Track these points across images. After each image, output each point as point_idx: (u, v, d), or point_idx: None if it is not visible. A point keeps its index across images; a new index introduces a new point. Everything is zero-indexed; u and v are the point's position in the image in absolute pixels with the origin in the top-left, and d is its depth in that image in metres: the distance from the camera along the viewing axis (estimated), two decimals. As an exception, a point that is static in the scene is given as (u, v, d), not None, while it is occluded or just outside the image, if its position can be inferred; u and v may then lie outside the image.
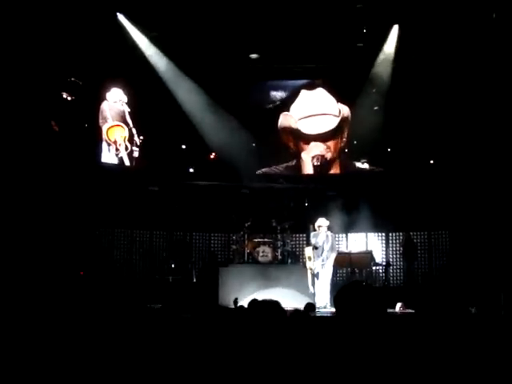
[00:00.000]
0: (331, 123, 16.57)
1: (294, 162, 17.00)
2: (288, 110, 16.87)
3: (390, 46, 15.49)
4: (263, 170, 17.17)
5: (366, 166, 16.55)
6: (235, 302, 9.99)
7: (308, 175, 16.77)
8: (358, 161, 16.60)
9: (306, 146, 16.74)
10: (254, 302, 3.07)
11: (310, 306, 11.49)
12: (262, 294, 11.76)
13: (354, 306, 2.75)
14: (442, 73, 14.98)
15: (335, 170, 16.86)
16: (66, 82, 14.69)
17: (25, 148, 13.01)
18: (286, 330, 2.86)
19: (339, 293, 2.88)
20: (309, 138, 16.69)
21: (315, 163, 16.63)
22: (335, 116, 16.58)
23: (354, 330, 2.68)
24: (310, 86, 16.89)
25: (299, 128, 16.68)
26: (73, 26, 13.76)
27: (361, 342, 2.63)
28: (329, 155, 16.63)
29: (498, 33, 13.36)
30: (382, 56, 15.77)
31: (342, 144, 16.70)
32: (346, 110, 16.57)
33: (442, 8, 13.37)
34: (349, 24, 14.43)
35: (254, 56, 16.11)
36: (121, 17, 14.84)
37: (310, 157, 16.68)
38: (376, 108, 16.17)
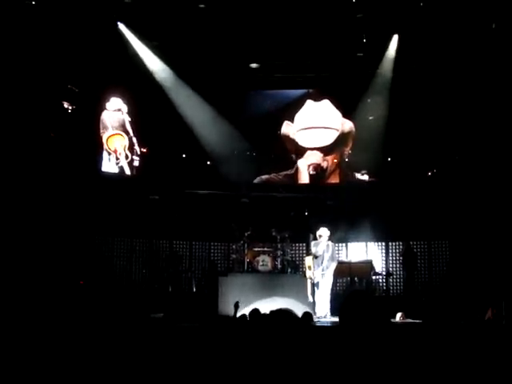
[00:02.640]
0: (329, 138, 16.56)
1: (292, 171, 17.00)
2: (292, 119, 16.88)
3: (389, 56, 15.51)
4: (262, 177, 17.17)
5: (365, 177, 16.53)
6: (236, 305, 9.76)
7: (306, 184, 16.75)
8: (358, 172, 16.59)
9: (303, 154, 16.76)
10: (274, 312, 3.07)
11: (308, 316, 11.45)
12: (262, 304, 11.73)
13: (359, 315, 2.75)
14: (441, 82, 15.02)
15: (334, 179, 16.85)
16: (66, 91, 14.72)
17: (26, 157, 13.03)
18: (287, 340, 2.86)
19: (344, 303, 2.88)
20: (305, 150, 16.73)
21: (311, 172, 16.64)
22: (335, 130, 16.58)
23: (358, 339, 2.68)
24: (316, 97, 16.90)
25: (296, 139, 16.71)
26: (74, 36, 13.82)
27: (365, 351, 2.63)
28: (325, 164, 16.62)
29: (497, 43, 13.41)
30: (381, 66, 15.79)
31: (344, 157, 16.69)
32: (347, 126, 16.55)
33: (442, 18, 13.42)
34: (349, 34, 14.47)
35: (254, 65, 16.14)
36: (121, 26, 14.86)
37: (306, 165, 16.69)
38: (371, 118, 16.21)
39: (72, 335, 5.30)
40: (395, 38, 15.10)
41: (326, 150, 16.58)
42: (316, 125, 16.70)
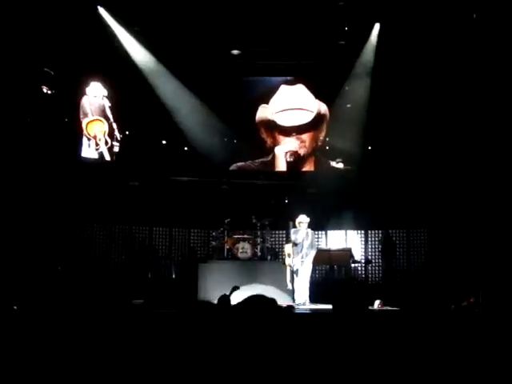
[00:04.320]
0: (307, 117, 16.62)
1: (269, 158, 17.00)
2: (267, 104, 16.88)
3: (371, 45, 15.53)
4: (238, 164, 17.15)
5: (340, 165, 16.58)
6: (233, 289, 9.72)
7: (287, 172, 16.77)
8: (333, 160, 16.63)
9: (280, 141, 16.78)
10: (251, 298, 3.06)
11: (272, 302, 11.45)
12: (241, 291, 11.75)
13: (352, 302, 2.76)
14: (423, 71, 15.06)
15: (309, 167, 16.88)
16: (44, 75, 14.57)
17: (4, 142, 12.90)
18: (271, 328, 2.86)
19: (337, 290, 2.90)
20: (284, 130, 16.71)
21: (288, 159, 16.66)
22: (311, 112, 16.61)
23: (351, 325, 2.70)
24: (291, 82, 16.91)
25: (275, 120, 16.71)
26: (53, 19, 13.64)
27: (353, 338, 2.64)
28: (302, 151, 16.65)
29: (478, 33, 13.48)
30: (363, 54, 15.81)
31: (320, 143, 16.73)
32: (323, 108, 16.59)
33: (424, 8, 13.45)
34: (331, 22, 14.46)
35: (235, 52, 16.08)
36: (101, 10, 14.71)
37: (283, 152, 16.71)
38: (349, 106, 16.27)
39: (49, 321, 5.27)
40: (377, 26, 15.14)
41: (304, 129, 16.58)
42: (293, 106, 16.73)
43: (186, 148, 16.62)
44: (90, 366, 3.61)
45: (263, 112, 16.84)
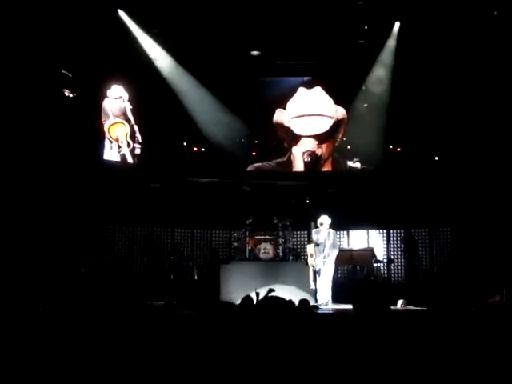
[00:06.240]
0: (324, 125, 16.44)
1: (285, 158, 16.94)
2: (285, 106, 16.83)
3: (391, 43, 15.46)
4: (255, 165, 17.13)
5: (357, 164, 16.48)
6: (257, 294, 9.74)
7: (307, 172, 16.69)
8: (351, 160, 16.54)
9: (297, 141, 16.68)
10: (266, 299, 3.06)
11: (305, 303, 11.45)
12: (264, 291, 11.75)
13: (373, 302, 2.76)
14: (443, 70, 14.96)
15: (327, 167, 16.80)
16: (66, 78, 14.69)
17: (28, 145, 13.02)
18: (291, 327, 2.86)
19: (357, 290, 2.89)
20: (299, 138, 16.68)
21: (306, 159, 16.57)
22: (329, 117, 16.46)
23: (369, 326, 2.69)
24: (309, 85, 16.82)
25: (291, 127, 16.63)
26: (74, 23, 13.76)
27: (375, 338, 2.63)
28: (320, 151, 16.55)
29: (499, 30, 13.36)
30: (383, 53, 15.75)
31: (337, 144, 16.65)
32: (341, 112, 16.46)
33: (444, 5, 13.36)
34: (350, 21, 14.41)
35: (255, 53, 16.08)
36: (121, 13, 14.83)
37: (300, 152, 16.62)
38: (365, 105, 16.19)
39: (72, 323, 5.31)
40: (397, 24, 15.07)
41: (321, 138, 16.51)
42: (310, 112, 16.60)
43: (203, 149, 16.68)
44: (111, 365, 3.63)
45: (280, 116, 16.75)
